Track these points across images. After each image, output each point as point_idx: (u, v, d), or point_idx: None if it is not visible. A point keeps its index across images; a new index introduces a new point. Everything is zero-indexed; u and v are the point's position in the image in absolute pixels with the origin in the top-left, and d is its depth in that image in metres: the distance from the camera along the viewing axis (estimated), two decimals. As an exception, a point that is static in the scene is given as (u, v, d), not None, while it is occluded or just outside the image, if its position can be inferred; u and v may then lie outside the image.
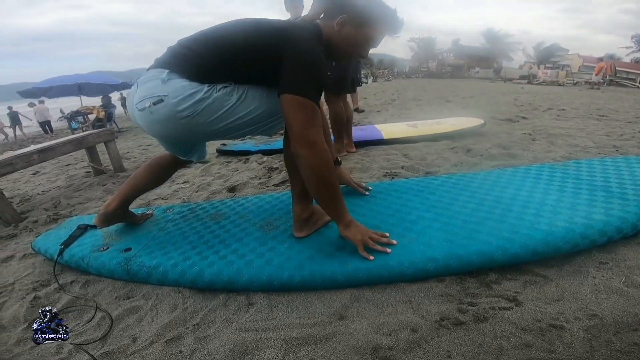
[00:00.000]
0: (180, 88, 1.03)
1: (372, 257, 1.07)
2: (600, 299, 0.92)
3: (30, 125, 11.17)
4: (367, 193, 1.57)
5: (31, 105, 10.35)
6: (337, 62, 1.90)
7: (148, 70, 1.11)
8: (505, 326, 0.86)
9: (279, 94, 1.01)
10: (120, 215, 1.43)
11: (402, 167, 2.26)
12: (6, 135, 10.57)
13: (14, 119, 10.90)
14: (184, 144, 1.32)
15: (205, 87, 1.05)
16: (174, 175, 2.63)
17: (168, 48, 1.14)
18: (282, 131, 1.21)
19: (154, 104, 1.04)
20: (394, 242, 1.12)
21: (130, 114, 1.17)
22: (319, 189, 1.05)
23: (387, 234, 1.16)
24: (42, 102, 10.19)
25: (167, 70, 1.05)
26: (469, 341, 0.84)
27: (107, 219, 1.39)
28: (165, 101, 1.03)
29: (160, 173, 1.42)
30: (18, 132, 10.80)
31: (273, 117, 1.14)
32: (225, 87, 1.07)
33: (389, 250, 1.09)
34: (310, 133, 0.99)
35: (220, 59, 1.06)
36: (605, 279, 0.99)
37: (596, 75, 11.59)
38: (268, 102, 1.11)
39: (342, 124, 2.64)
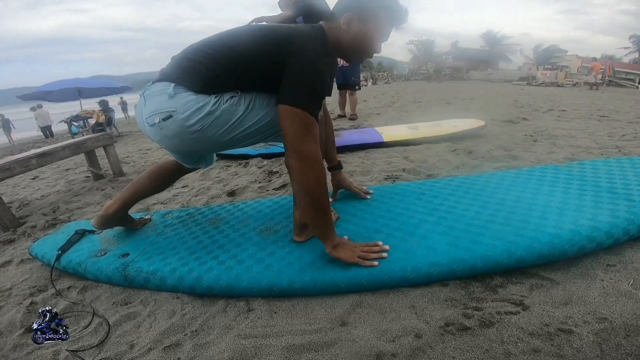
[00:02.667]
0: (188, 102, 1.02)
1: (376, 263, 1.04)
2: (609, 302, 0.90)
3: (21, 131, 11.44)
4: (368, 197, 1.55)
5: (33, 109, 10.39)
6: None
7: (153, 83, 1.09)
8: (512, 331, 0.84)
9: (277, 103, 0.99)
10: (119, 219, 1.42)
11: (404, 170, 2.24)
12: None
13: (5, 125, 11.07)
14: (194, 154, 1.32)
15: (213, 99, 1.03)
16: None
17: (172, 58, 1.12)
18: None
19: (163, 119, 1.04)
20: (386, 248, 1.10)
21: (141, 127, 1.15)
22: (308, 205, 1.02)
23: (379, 243, 1.12)
24: (40, 106, 10.24)
25: (172, 84, 1.04)
26: (475, 347, 0.82)
27: (106, 222, 1.37)
28: (173, 117, 1.03)
29: (163, 179, 1.42)
30: (6, 139, 11.00)
31: None
32: (232, 97, 1.06)
33: (384, 254, 1.07)
34: (303, 145, 0.96)
35: (227, 69, 1.04)
36: (613, 281, 0.97)
37: (588, 75, 11.56)
38: (275, 109, 1.09)
39: None
